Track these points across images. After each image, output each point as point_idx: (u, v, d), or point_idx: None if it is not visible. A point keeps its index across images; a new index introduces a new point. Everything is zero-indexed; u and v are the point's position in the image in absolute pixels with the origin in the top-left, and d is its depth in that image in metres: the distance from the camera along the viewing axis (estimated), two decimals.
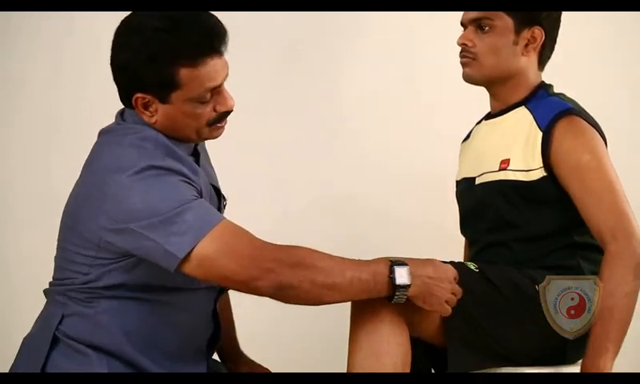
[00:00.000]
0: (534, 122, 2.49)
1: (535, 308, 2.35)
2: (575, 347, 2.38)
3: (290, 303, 2.15)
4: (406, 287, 2.16)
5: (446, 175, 2.85)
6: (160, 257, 2.08)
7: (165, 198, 2.08)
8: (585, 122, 2.46)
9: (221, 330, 2.36)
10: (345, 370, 2.30)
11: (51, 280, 2.27)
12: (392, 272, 2.15)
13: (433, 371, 2.49)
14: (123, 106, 2.23)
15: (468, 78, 2.57)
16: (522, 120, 2.52)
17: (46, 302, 2.26)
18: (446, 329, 2.32)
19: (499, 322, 2.36)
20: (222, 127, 2.22)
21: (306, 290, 2.11)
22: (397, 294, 2.16)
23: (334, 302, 2.16)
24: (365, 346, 2.27)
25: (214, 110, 2.17)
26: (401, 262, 2.17)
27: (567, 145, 2.43)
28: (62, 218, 2.24)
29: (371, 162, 3.33)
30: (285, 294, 2.12)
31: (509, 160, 2.50)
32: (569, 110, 2.47)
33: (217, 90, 2.16)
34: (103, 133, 2.24)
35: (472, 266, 2.40)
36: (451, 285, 2.22)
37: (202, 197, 2.17)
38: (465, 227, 2.67)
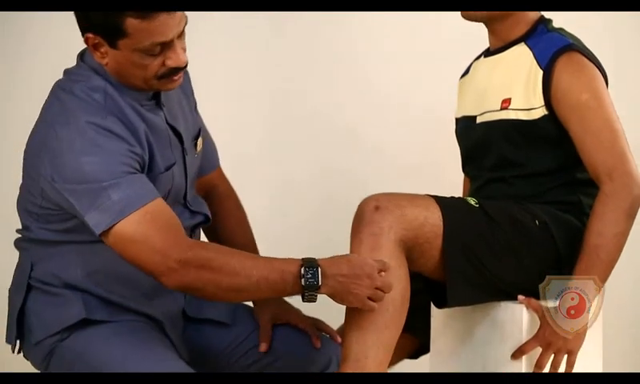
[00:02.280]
0: (535, 60, 2.48)
1: (535, 243, 2.37)
2: None
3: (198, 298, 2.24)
4: (315, 287, 2.15)
5: (446, 113, 2.85)
6: (83, 221, 2.13)
7: (96, 167, 2.10)
8: (585, 59, 2.46)
9: None
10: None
11: (18, 228, 2.32)
12: (300, 272, 2.15)
13: (432, 305, 2.50)
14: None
15: (467, 16, 2.56)
16: (522, 57, 2.51)
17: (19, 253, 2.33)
18: (446, 263, 2.33)
19: (498, 257, 2.36)
20: (176, 81, 2.21)
21: (211, 292, 2.14)
22: (306, 294, 2.16)
23: (244, 301, 2.22)
24: None
25: (164, 64, 2.16)
26: (312, 263, 2.16)
27: (566, 83, 2.43)
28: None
29: (371, 100, 3.34)
30: (190, 293, 2.19)
31: (510, 99, 2.50)
32: (569, 45, 2.46)
33: (168, 45, 2.15)
34: (64, 73, 2.26)
35: (472, 201, 2.41)
36: (370, 280, 2.18)
37: (141, 164, 2.17)
38: (466, 165, 2.67)
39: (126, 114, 2.18)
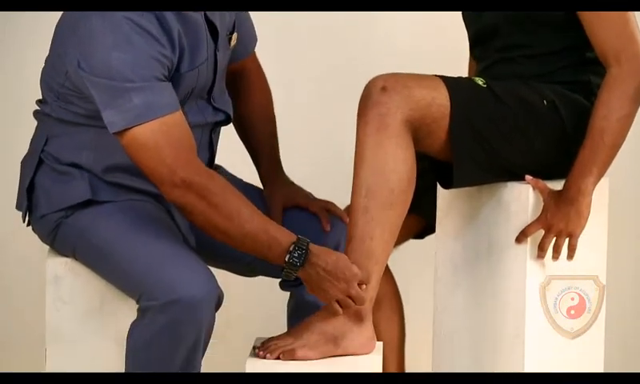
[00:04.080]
0: None
1: (543, 123, 2.37)
2: None
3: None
4: (295, 268, 2.17)
5: None
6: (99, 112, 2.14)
7: (125, 65, 2.10)
8: None
9: (214, 161, 2.39)
10: None
11: (38, 99, 2.34)
12: (288, 249, 2.16)
13: (438, 186, 2.50)
14: None
15: None
16: None
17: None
18: (453, 144, 2.33)
19: (506, 137, 2.36)
20: None
21: (200, 222, 2.16)
22: (285, 269, 2.18)
23: (226, 243, 2.21)
24: (370, 162, 2.28)
25: None
26: (303, 245, 2.16)
27: None
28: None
29: None
30: (181, 211, 2.19)
31: None
32: None
33: None
34: None
35: (480, 81, 2.40)
36: (347, 285, 2.19)
37: (170, 68, 2.16)
38: (474, 47, 2.64)
39: (163, 14, 2.16)
